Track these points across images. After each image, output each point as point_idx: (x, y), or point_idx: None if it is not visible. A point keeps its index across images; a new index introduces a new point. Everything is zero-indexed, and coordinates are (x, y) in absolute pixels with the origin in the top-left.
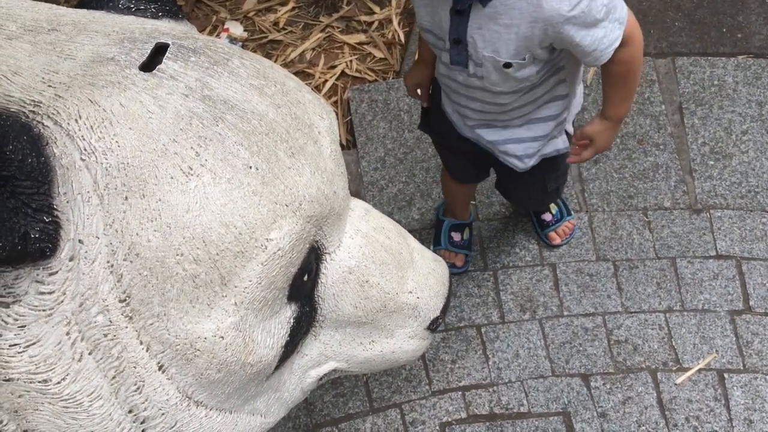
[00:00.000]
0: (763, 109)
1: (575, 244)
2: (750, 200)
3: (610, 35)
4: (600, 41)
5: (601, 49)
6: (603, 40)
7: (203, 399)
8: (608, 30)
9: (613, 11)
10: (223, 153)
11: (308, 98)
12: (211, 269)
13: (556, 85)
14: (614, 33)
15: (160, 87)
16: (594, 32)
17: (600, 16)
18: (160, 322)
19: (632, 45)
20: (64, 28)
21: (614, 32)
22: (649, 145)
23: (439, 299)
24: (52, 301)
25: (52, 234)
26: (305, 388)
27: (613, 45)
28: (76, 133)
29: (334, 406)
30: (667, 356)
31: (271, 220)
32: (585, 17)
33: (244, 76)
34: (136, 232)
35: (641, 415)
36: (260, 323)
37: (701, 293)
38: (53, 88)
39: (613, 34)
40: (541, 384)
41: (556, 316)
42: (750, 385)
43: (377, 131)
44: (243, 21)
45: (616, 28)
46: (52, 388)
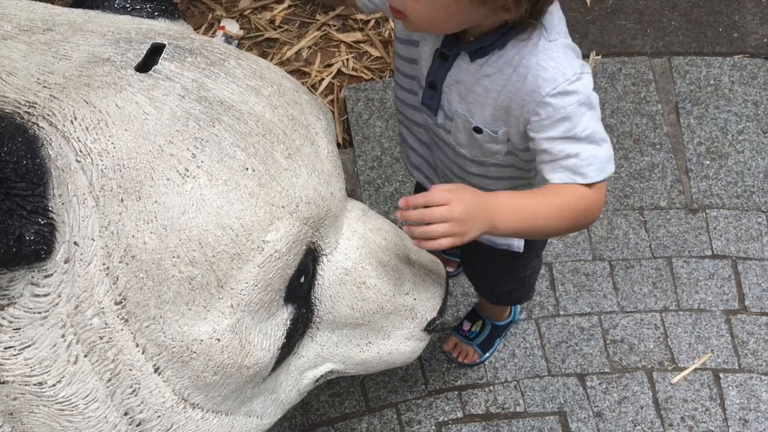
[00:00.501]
0: (759, 108)
1: (571, 244)
2: (746, 200)
3: (586, 156)
4: (564, 156)
5: (561, 161)
6: (571, 158)
7: (199, 401)
8: (584, 152)
9: (598, 147)
10: (220, 154)
11: (305, 99)
12: (208, 271)
13: (525, 186)
14: (591, 157)
15: (156, 88)
16: (567, 145)
17: (581, 133)
18: (156, 325)
19: (591, 200)
20: (59, 28)
21: (591, 161)
22: (645, 144)
23: (436, 300)
24: (47, 303)
25: (47, 236)
26: (302, 390)
27: (584, 172)
28: (72, 134)
29: (330, 406)
30: (663, 356)
31: (268, 222)
32: (563, 115)
33: (240, 76)
34: (132, 235)
35: (637, 414)
36: (257, 325)
37: (697, 293)
38: (48, 88)
39: (589, 155)
40: (537, 384)
41: (552, 316)
42: (745, 385)
43: (374, 130)
44: (239, 19)
45: (596, 159)
46: (47, 390)
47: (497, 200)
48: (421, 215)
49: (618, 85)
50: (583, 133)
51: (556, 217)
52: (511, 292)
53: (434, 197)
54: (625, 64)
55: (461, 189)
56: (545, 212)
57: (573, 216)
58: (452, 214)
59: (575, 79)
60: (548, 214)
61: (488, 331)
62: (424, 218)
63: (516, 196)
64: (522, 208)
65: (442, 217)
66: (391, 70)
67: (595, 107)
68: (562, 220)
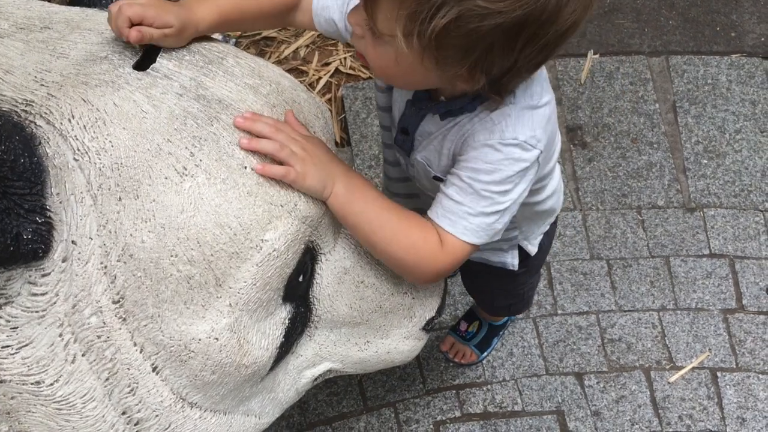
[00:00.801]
0: (757, 108)
1: (569, 243)
2: (743, 199)
3: (464, 212)
4: (450, 209)
5: (443, 211)
6: (450, 201)
7: (197, 400)
8: (468, 207)
9: (484, 216)
10: (218, 153)
11: (303, 98)
12: (206, 270)
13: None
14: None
15: (154, 86)
16: (459, 191)
17: (480, 190)
18: (154, 324)
19: (433, 253)
20: (56, 26)
21: (466, 230)
22: (642, 143)
23: (435, 299)
24: (44, 302)
25: (44, 235)
26: (300, 389)
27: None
28: (69, 132)
29: (327, 405)
30: (661, 355)
31: (266, 221)
32: (476, 165)
33: (239, 75)
34: (130, 233)
35: (634, 413)
36: (255, 324)
37: (694, 292)
38: (46, 87)
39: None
40: (534, 383)
41: (549, 315)
42: (743, 384)
43: (371, 129)
44: None
45: (472, 222)
46: (44, 389)
47: (350, 173)
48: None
49: (616, 84)
50: (481, 192)
51: (394, 233)
52: (510, 306)
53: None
54: (622, 63)
55: (314, 138)
56: (388, 218)
57: (405, 249)
58: (292, 146)
59: (513, 143)
60: (389, 223)
61: (485, 331)
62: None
63: (371, 187)
64: (370, 194)
65: (280, 142)
66: None
67: (513, 184)
68: (393, 242)
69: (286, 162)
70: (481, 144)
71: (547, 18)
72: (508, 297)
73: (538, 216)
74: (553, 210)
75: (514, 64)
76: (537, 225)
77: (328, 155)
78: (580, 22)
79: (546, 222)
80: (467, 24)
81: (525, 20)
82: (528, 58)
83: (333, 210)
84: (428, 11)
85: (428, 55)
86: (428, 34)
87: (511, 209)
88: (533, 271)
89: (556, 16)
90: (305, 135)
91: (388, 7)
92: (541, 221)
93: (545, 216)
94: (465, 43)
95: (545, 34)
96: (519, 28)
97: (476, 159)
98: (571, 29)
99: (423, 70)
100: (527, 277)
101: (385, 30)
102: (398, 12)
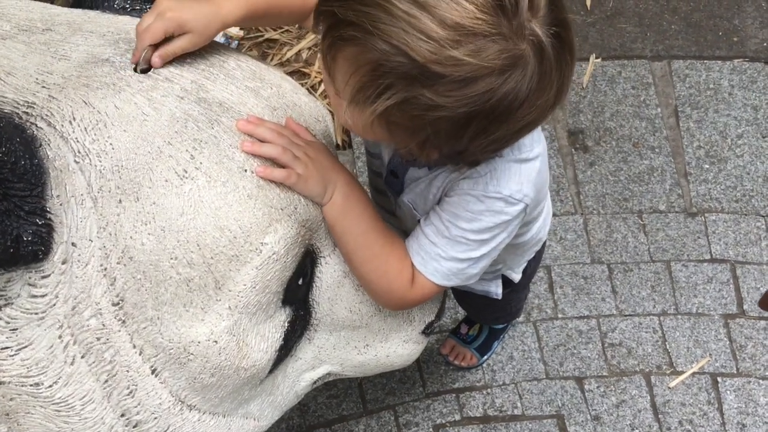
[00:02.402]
0: (758, 113)
1: (570, 247)
2: (745, 204)
3: (437, 253)
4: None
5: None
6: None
7: (196, 403)
8: (440, 249)
9: (457, 262)
10: (219, 156)
11: (304, 101)
12: (206, 273)
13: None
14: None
15: (155, 89)
16: (435, 234)
17: (456, 236)
18: (154, 326)
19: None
20: (58, 28)
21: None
22: (644, 148)
23: (434, 303)
24: (44, 304)
25: (44, 237)
26: (299, 392)
27: (426, 273)
28: (70, 135)
29: (327, 408)
30: (661, 359)
31: (266, 224)
32: (456, 210)
33: (239, 78)
34: (130, 236)
35: (635, 418)
36: (254, 327)
37: (695, 297)
38: (47, 89)
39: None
40: (535, 386)
41: (550, 319)
42: (743, 389)
43: None
44: None
45: (444, 264)
46: (43, 391)
47: (352, 183)
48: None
49: (618, 89)
50: (458, 238)
51: (370, 255)
52: (498, 318)
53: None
54: (624, 68)
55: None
56: (373, 239)
57: (379, 275)
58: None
59: (497, 197)
60: (373, 244)
61: (486, 334)
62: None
63: (368, 203)
64: (366, 210)
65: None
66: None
67: (491, 235)
68: (369, 264)
69: (287, 166)
70: (465, 192)
71: (497, 117)
72: (495, 311)
73: (523, 250)
74: (539, 240)
75: (466, 150)
76: (522, 257)
77: (331, 161)
78: (540, 120)
79: (532, 251)
80: (412, 110)
81: (472, 116)
82: (480, 147)
83: (326, 216)
84: (375, 89)
85: (377, 125)
86: (373, 110)
87: (488, 256)
88: (519, 290)
89: (507, 117)
90: (308, 140)
91: (342, 71)
92: (527, 253)
93: (531, 247)
94: (411, 125)
95: (496, 131)
96: (466, 122)
97: (458, 205)
98: (526, 128)
99: (375, 132)
100: (513, 295)
101: (339, 90)
102: (349, 80)
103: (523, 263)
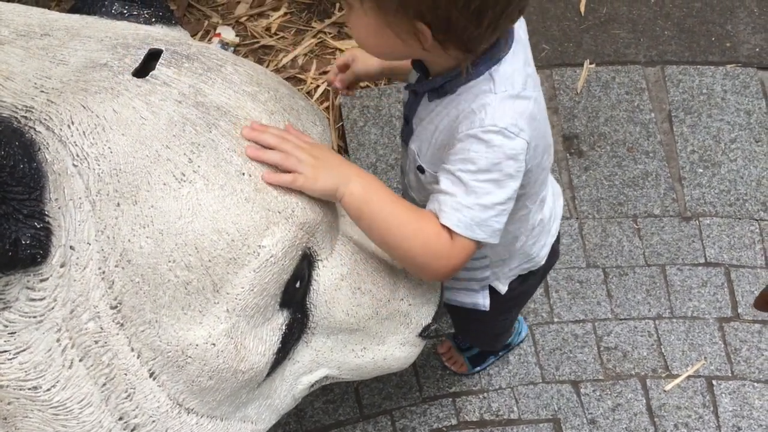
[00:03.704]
0: (751, 117)
1: (565, 251)
2: (738, 208)
3: (458, 204)
4: (444, 197)
5: (440, 204)
6: (446, 195)
7: (194, 406)
8: (460, 199)
9: (481, 210)
10: (216, 159)
11: (301, 105)
12: (204, 276)
13: None
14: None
15: (153, 93)
16: (452, 184)
17: (470, 182)
18: (152, 329)
19: (444, 248)
20: (56, 33)
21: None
22: (638, 152)
23: (431, 306)
24: (42, 307)
25: (43, 240)
26: (296, 395)
27: (446, 220)
28: (69, 138)
29: (324, 413)
30: (657, 363)
31: (264, 227)
32: (464, 156)
33: (237, 82)
34: (128, 239)
35: (630, 421)
36: (252, 330)
37: (690, 300)
38: (46, 93)
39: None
40: (531, 390)
41: (546, 323)
42: (738, 392)
43: (369, 137)
44: (235, 26)
45: (468, 214)
46: (42, 395)
47: (364, 173)
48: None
49: (612, 94)
50: (470, 183)
51: (408, 231)
52: (480, 337)
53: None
54: (618, 73)
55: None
56: (402, 217)
57: (420, 247)
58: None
59: (494, 130)
60: (404, 221)
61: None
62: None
63: (385, 187)
64: (385, 193)
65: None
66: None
67: (501, 174)
68: (409, 239)
69: (292, 170)
70: (465, 135)
71: None
72: (481, 328)
73: (510, 254)
74: (527, 255)
75: (451, 24)
76: (508, 265)
77: (338, 158)
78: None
79: (518, 262)
80: None
81: None
82: (464, 19)
83: (348, 209)
84: None
85: (378, 17)
86: None
87: (505, 207)
88: (505, 309)
89: None
90: (312, 143)
91: None
92: (514, 262)
93: (518, 257)
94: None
95: None
96: None
97: (461, 150)
98: (507, 8)
99: (384, 35)
100: (499, 315)
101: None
102: None
103: (509, 275)
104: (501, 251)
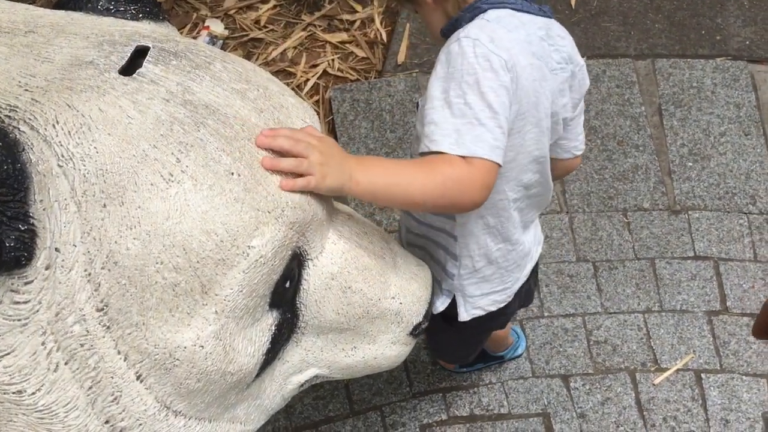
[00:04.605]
0: (741, 111)
1: (555, 245)
2: (727, 201)
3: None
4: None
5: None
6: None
7: (182, 408)
8: (435, 116)
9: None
10: (205, 159)
11: (291, 102)
12: (192, 277)
13: (443, 228)
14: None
15: (140, 91)
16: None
17: (433, 91)
18: (139, 332)
19: (462, 172)
20: (41, 30)
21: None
22: (628, 146)
23: (422, 304)
24: (27, 310)
25: (27, 242)
26: (286, 395)
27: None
28: (54, 138)
29: (314, 409)
30: (646, 357)
31: (253, 227)
32: (440, 57)
33: (226, 80)
34: (115, 240)
35: (620, 415)
36: (241, 331)
37: (679, 294)
38: (30, 92)
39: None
40: (521, 385)
41: (536, 317)
42: (726, 385)
43: (359, 131)
44: (224, 19)
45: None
46: (26, 399)
47: (361, 158)
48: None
49: (602, 87)
50: (448, 99)
51: (422, 178)
52: (441, 349)
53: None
54: (609, 66)
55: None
56: (409, 172)
57: (440, 184)
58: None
59: (465, 37)
60: (412, 174)
61: None
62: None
63: (382, 159)
64: (384, 164)
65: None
66: (377, 71)
67: (475, 80)
68: (428, 184)
69: (306, 174)
70: (445, 49)
71: None
72: (445, 339)
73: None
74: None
75: None
76: (479, 287)
77: (342, 153)
78: None
79: (489, 287)
80: None
81: None
82: None
83: (361, 196)
84: None
85: (437, 3)
86: None
87: (494, 120)
88: (460, 334)
89: None
90: (319, 136)
91: None
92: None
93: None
94: None
95: None
96: None
97: (439, 63)
98: None
99: (441, 15)
100: (458, 335)
101: None
102: None
103: (477, 300)
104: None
